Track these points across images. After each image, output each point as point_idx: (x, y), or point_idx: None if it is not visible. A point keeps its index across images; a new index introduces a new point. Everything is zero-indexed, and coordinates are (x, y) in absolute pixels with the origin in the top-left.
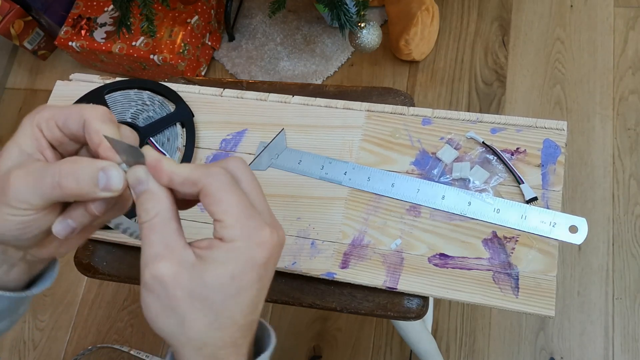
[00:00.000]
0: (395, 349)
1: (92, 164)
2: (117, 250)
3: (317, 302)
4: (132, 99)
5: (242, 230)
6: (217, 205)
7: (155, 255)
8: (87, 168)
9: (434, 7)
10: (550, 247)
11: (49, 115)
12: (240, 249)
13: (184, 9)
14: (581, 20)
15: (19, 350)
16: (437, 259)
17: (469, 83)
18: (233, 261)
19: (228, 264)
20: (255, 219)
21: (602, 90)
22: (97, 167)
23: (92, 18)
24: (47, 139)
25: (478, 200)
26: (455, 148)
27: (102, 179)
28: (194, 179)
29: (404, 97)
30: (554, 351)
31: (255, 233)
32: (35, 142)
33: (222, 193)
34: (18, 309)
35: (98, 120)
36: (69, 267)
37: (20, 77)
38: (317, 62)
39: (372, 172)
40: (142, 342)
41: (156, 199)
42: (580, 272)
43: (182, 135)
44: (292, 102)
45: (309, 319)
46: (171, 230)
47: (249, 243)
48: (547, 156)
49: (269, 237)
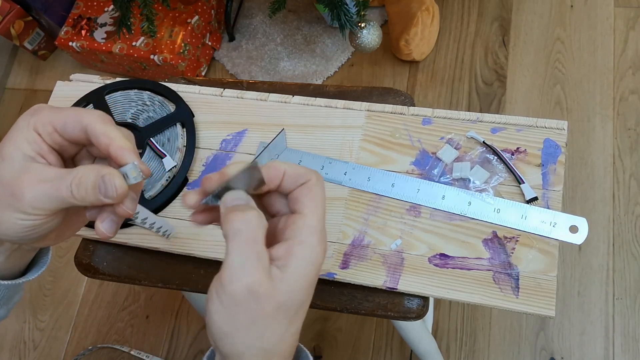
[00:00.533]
0: (395, 349)
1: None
2: (117, 250)
3: (318, 302)
4: (132, 99)
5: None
6: (310, 201)
7: (250, 266)
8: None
9: (434, 7)
10: (551, 247)
11: (47, 120)
12: (316, 251)
13: (184, 9)
14: (581, 20)
15: (19, 350)
16: (437, 259)
17: (469, 83)
18: (311, 265)
19: (307, 268)
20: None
21: (603, 90)
22: (97, 174)
23: (92, 18)
24: (47, 143)
25: (478, 200)
26: (455, 148)
27: (102, 187)
28: (302, 172)
29: (404, 97)
30: (554, 351)
31: (322, 235)
32: (36, 147)
33: (318, 190)
34: (13, 297)
35: (99, 122)
36: (69, 267)
37: (21, 78)
38: (317, 62)
39: (372, 172)
40: (142, 342)
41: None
42: (581, 272)
43: (183, 135)
44: (292, 102)
45: (309, 319)
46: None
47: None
48: (547, 156)
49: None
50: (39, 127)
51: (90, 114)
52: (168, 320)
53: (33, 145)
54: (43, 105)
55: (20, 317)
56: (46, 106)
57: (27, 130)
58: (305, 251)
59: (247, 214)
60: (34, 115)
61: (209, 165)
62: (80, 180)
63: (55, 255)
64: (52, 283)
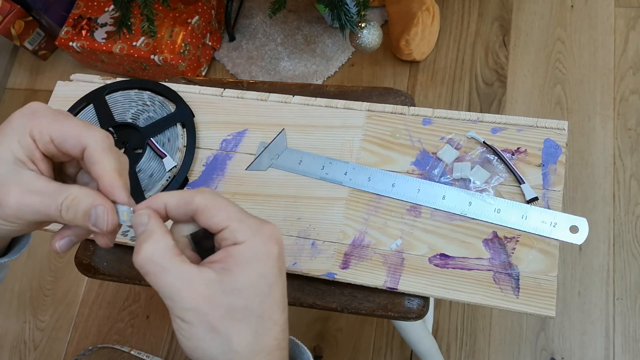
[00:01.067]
0: (395, 349)
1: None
2: (117, 250)
3: (318, 302)
4: (132, 99)
5: (250, 228)
6: (218, 214)
7: (178, 290)
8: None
9: (434, 7)
10: (551, 247)
11: (45, 130)
12: (257, 246)
13: (185, 9)
14: (582, 20)
15: (20, 350)
16: (437, 259)
17: (469, 83)
18: (255, 260)
19: (252, 263)
20: (254, 218)
21: (603, 90)
22: (92, 204)
23: (92, 18)
24: (41, 150)
25: (478, 201)
26: (455, 148)
27: (93, 217)
28: (187, 198)
29: (405, 97)
30: (554, 351)
31: (261, 228)
32: (29, 152)
33: (218, 204)
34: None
35: (98, 149)
36: (69, 267)
37: (21, 78)
38: (318, 62)
39: (372, 172)
40: (143, 343)
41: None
42: (581, 272)
43: (183, 135)
44: (293, 102)
45: (309, 319)
46: (177, 263)
47: (262, 238)
48: (547, 156)
49: (274, 230)
50: (35, 134)
51: (92, 135)
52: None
53: (26, 151)
54: (42, 108)
55: (20, 317)
56: (46, 110)
57: (22, 134)
58: (246, 248)
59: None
60: (33, 119)
61: (209, 165)
62: (72, 203)
63: (56, 255)
64: (52, 283)
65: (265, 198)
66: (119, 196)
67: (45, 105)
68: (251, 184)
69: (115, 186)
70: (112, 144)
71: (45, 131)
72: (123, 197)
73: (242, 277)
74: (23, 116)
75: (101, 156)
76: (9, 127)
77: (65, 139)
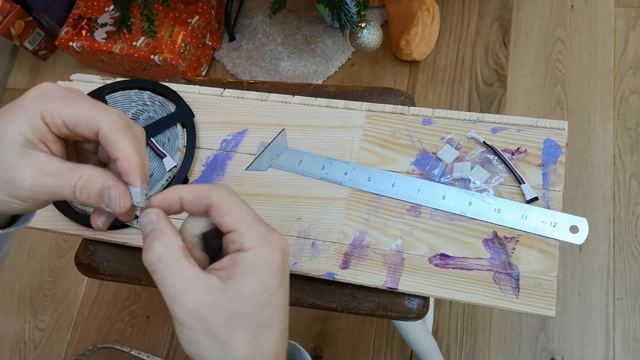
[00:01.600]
0: (395, 349)
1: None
2: (117, 250)
3: (318, 302)
4: (132, 99)
5: (258, 235)
6: (230, 214)
7: (181, 293)
8: (95, 185)
9: (434, 7)
10: (551, 247)
11: (57, 113)
12: (263, 254)
13: (185, 9)
14: (582, 20)
15: (20, 350)
16: (437, 259)
17: (469, 83)
18: (259, 269)
19: (256, 272)
20: (264, 224)
21: (603, 90)
22: (104, 186)
23: (92, 18)
24: (53, 132)
25: (479, 201)
26: (455, 148)
27: (106, 198)
28: (203, 193)
29: (405, 97)
30: (554, 351)
31: (269, 236)
32: (40, 135)
33: (232, 202)
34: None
35: (113, 130)
36: (69, 267)
37: (21, 78)
38: (318, 62)
39: (372, 172)
40: (143, 343)
41: (165, 238)
42: (581, 272)
43: (183, 135)
44: (293, 102)
45: (309, 319)
46: (185, 266)
47: (268, 247)
48: (547, 156)
49: (280, 240)
50: (47, 117)
51: (105, 117)
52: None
53: (37, 133)
54: (53, 89)
55: (20, 317)
56: (57, 92)
57: (33, 116)
58: (251, 257)
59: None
60: (44, 101)
61: (209, 165)
62: (85, 184)
63: (56, 255)
64: (52, 283)
65: (265, 198)
66: (133, 180)
67: (56, 85)
68: (251, 184)
69: (130, 169)
70: (127, 122)
71: (57, 115)
72: (137, 181)
73: (245, 286)
74: (34, 98)
75: (115, 137)
76: (20, 108)
77: (78, 123)
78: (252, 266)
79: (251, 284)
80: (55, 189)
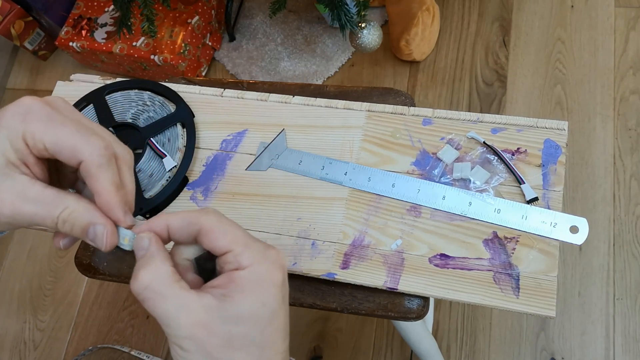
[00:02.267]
0: (395, 350)
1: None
2: (117, 250)
3: (318, 302)
4: (132, 100)
5: (254, 253)
6: (222, 237)
7: (175, 317)
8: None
9: (434, 7)
10: (551, 248)
11: (39, 137)
12: (261, 272)
13: (185, 9)
14: (582, 20)
15: (20, 350)
16: (437, 259)
17: (469, 83)
18: (258, 287)
19: (254, 290)
20: (260, 242)
21: (603, 90)
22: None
23: (92, 18)
24: (35, 155)
25: (479, 201)
26: (455, 148)
27: (91, 234)
28: (192, 219)
29: (405, 97)
30: (554, 352)
31: (266, 253)
32: (21, 156)
33: (222, 225)
34: None
35: (95, 166)
36: (69, 267)
37: (21, 78)
38: (318, 62)
39: (372, 172)
40: (143, 343)
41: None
42: (581, 272)
43: (183, 135)
44: (293, 102)
45: (309, 319)
46: (175, 291)
47: (266, 264)
48: (547, 156)
49: (278, 256)
50: (28, 139)
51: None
52: None
53: (19, 154)
54: (36, 106)
55: (20, 317)
56: (40, 110)
57: (14, 136)
58: (249, 274)
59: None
60: (26, 120)
61: (209, 166)
62: (69, 217)
63: (56, 255)
64: (52, 283)
65: (265, 198)
66: (116, 216)
67: (39, 102)
68: (251, 184)
69: (112, 206)
70: (111, 154)
71: (39, 138)
72: (120, 216)
73: (244, 304)
74: (15, 115)
75: (96, 172)
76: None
77: (60, 150)
78: (250, 283)
79: (250, 303)
80: (37, 218)
